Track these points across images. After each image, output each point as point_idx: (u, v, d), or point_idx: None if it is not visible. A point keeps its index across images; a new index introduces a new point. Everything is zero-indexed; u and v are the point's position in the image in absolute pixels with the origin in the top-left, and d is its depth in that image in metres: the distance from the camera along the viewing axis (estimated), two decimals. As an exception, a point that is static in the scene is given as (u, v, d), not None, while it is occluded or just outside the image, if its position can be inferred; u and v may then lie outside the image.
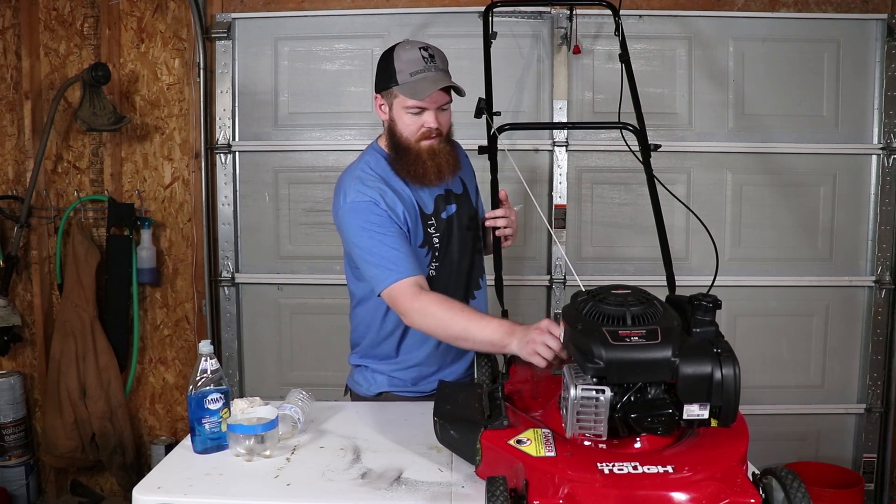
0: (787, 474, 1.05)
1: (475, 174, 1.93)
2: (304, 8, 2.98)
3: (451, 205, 1.79)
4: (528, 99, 2.98)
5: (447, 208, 1.78)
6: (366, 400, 1.84)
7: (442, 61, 1.69)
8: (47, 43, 3.04)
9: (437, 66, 1.66)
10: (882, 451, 3.06)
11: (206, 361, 1.46)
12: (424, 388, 1.82)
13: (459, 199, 1.81)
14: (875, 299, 3.01)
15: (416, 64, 1.64)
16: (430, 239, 1.75)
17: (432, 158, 1.67)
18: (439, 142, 1.68)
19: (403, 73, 1.64)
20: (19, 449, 3.06)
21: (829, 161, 2.98)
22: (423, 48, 1.67)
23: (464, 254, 1.81)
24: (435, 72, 1.65)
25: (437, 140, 1.68)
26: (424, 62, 1.64)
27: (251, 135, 3.05)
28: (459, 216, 1.79)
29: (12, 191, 3.09)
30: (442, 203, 1.77)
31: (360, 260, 1.65)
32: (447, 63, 1.71)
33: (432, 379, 1.81)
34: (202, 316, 3.10)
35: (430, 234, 1.75)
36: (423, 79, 1.64)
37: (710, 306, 1.21)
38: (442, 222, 1.76)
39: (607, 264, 3.02)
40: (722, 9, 2.93)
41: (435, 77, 1.65)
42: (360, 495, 1.27)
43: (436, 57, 1.67)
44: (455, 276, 1.80)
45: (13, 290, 3.09)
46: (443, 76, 1.67)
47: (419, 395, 1.82)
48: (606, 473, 1.08)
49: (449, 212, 1.78)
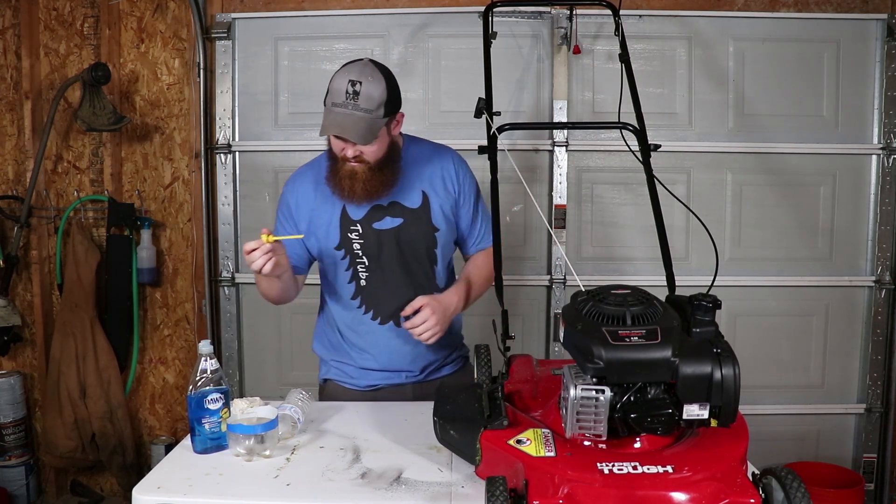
0: (787, 474, 1.05)
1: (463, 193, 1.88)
2: (303, 8, 2.98)
3: (396, 218, 1.79)
4: (528, 99, 2.98)
5: (384, 220, 1.79)
6: (320, 385, 1.99)
7: (368, 100, 1.61)
8: (47, 43, 3.04)
9: (358, 104, 1.61)
10: (882, 451, 3.06)
11: (205, 361, 1.46)
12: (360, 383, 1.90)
13: (412, 214, 1.79)
14: (875, 299, 3.01)
15: (338, 96, 1.62)
16: (350, 244, 1.79)
17: (349, 179, 1.71)
18: (363, 167, 1.70)
19: (328, 99, 1.65)
20: (19, 449, 3.06)
21: (829, 161, 2.98)
22: (352, 81, 1.61)
23: (402, 269, 1.81)
24: (350, 110, 1.61)
25: (359, 165, 1.70)
26: (345, 97, 1.61)
27: (251, 135, 3.05)
28: (406, 230, 1.79)
29: (12, 191, 3.09)
30: (378, 213, 1.78)
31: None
32: (378, 100, 1.64)
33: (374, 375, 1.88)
34: (202, 316, 3.10)
35: (351, 240, 1.79)
36: (334, 116, 1.63)
37: (710, 306, 1.21)
38: (371, 231, 1.78)
39: (607, 264, 3.02)
40: (722, 9, 2.93)
41: (343, 118, 1.61)
42: (360, 495, 1.27)
43: (360, 95, 1.61)
44: (391, 289, 1.80)
45: (13, 290, 3.10)
46: (353, 119, 1.61)
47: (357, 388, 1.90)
48: (606, 473, 1.08)
49: (386, 224, 1.79)
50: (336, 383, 1.93)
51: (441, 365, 1.94)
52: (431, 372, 1.92)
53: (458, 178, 1.87)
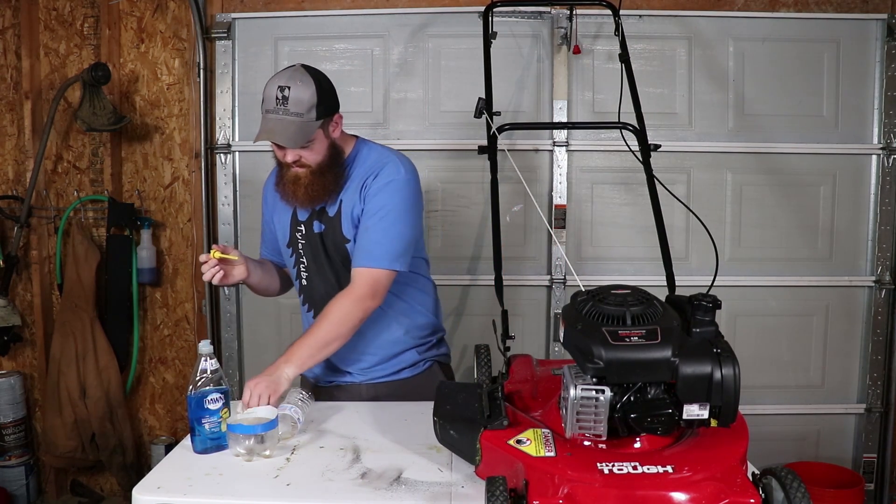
0: (787, 474, 1.05)
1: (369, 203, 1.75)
2: (303, 8, 2.98)
3: (322, 224, 1.80)
4: (528, 99, 2.98)
5: (314, 224, 1.81)
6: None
7: (298, 104, 1.64)
8: (47, 43, 3.04)
9: (287, 109, 1.64)
10: (882, 451, 3.06)
11: (205, 361, 1.46)
12: (324, 379, 1.91)
13: (330, 221, 1.80)
14: (875, 299, 3.01)
15: (269, 102, 1.66)
16: (297, 243, 1.86)
17: (293, 184, 1.75)
18: (306, 172, 1.72)
19: (262, 106, 1.68)
20: (19, 449, 3.06)
21: (829, 161, 2.98)
22: (280, 87, 1.65)
23: (333, 273, 1.83)
24: (280, 115, 1.64)
25: (302, 170, 1.73)
26: (276, 103, 1.65)
27: (251, 135, 3.03)
28: (327, 236, 1.80)
29: (12, 191, 3.09)
30: (313, 217, 1.81)
31: None
32: (307, 103, 1.65)
33: (328, 373, 1.90)
34: (202, 316, 3.10)
35: (297, 239, 1.86)
36: (266, 122, 1.67)
37: (710, 306, 1.21)
38: (312, 234, 1.82)
39: (607, 264, 3.02)
40: (722, 9, 2.93)
41: (273, 123, 1.65)
42: (359, 495, 1.27)
43: (290, 99, 1.64)
44: (326, 290, 1.82)
45: (13, 290, 3.10)
46: (283, 123, 1.64)
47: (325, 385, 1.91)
48: (606, 473, 1.08)
49: (317, 228, 1.81)
50: (303, 377, 1.95)
51: (395, 364, 1.87)
52: (380, 370, 1.87)
53: (370, 187, 1.74)
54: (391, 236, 1.72)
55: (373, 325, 1.80)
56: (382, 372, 1.88)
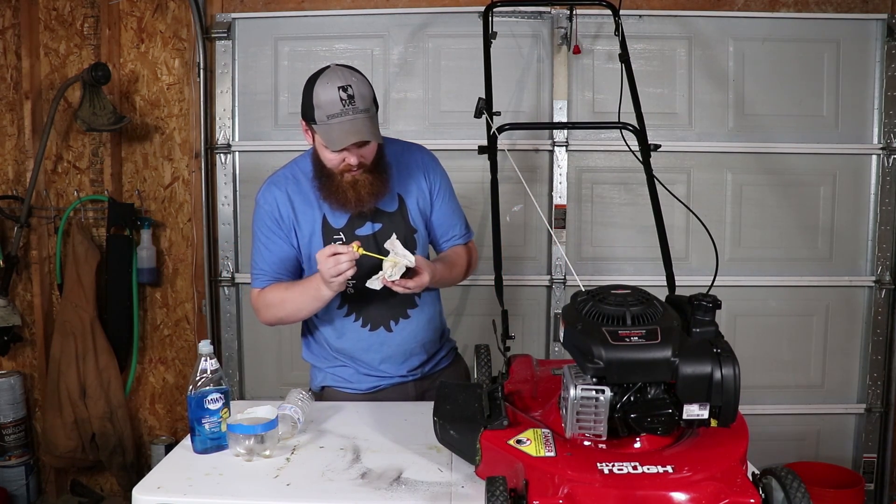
0: (787, 474, 1.05)
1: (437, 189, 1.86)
2: (303, 8, 2.98)
3: (377, 223, 1.77)
4: (528, 99, 2.98)
5: (365, 225, 1.77)
6: (315, 393, 1.90)
7: (363, 99, 1.60)
8: (47, 43, 3.04)
9: (357, 107, 1.58)
10: (882, 451, 3.06)
11: (205, 361, 1.46)
12: (360, 387, 1.86)
13: (390, 217, 1.78)
14: (875, 299, 3.01)
15: (334, 106, 1.57)
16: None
17: (353, 189, 1.68)
18: (362, 172, 1.68)
19: (321, 113, 1.59)
20: (19, 449, 3.06)
21: (829, 161, 2.98)
22: (342, 87, 1.58)
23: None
24: (353, 115, 1.58)
25: (359, 172, 1.67)
26: (342, 105, 1.57)
27: (251, 135, 3.05)
28: (386, 235, 1.73)
29: (12, 191, 3.09)
30: (360, 220, 1.76)
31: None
32: (370, 98, 1.63)
33: (372, 379, 1.86)
34: (202, 316, 3.10)
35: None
36: (340, 125, 1.58)
37: (710, 306, 1.21)
38: (354, 239, 1.75)
39: (607, 264, 3.02)
40: (722, 9, 2.93)
41: (352, 124, 1.58)
42: (359, 495, 1.27)
43: (356, 97, 1.58)
44: (380, 295, 1.73)
45: (13, 290, 3.10)
46: (361, 122, 1.59)
47: (358, 391, 1.86)
48: (606, 473, 1.08)
49: (367, 230, 1.77)
50: (336, 390, 1.88)
51: (435, 357, 1.93)
52: (427, 366, 1.91)
53: (431, 174, 1.85)
54: (463, 213, 1.94)
55: (428, 323, 1.87)
56: (428, 368, 1.91)
